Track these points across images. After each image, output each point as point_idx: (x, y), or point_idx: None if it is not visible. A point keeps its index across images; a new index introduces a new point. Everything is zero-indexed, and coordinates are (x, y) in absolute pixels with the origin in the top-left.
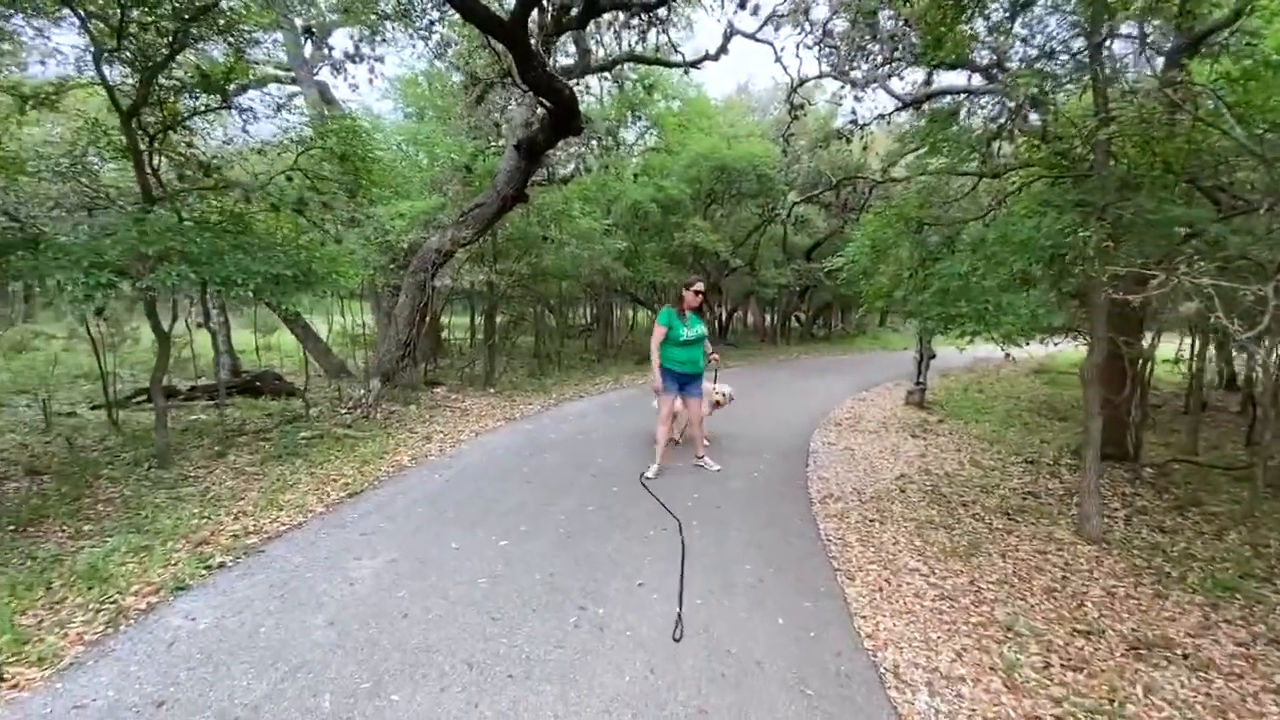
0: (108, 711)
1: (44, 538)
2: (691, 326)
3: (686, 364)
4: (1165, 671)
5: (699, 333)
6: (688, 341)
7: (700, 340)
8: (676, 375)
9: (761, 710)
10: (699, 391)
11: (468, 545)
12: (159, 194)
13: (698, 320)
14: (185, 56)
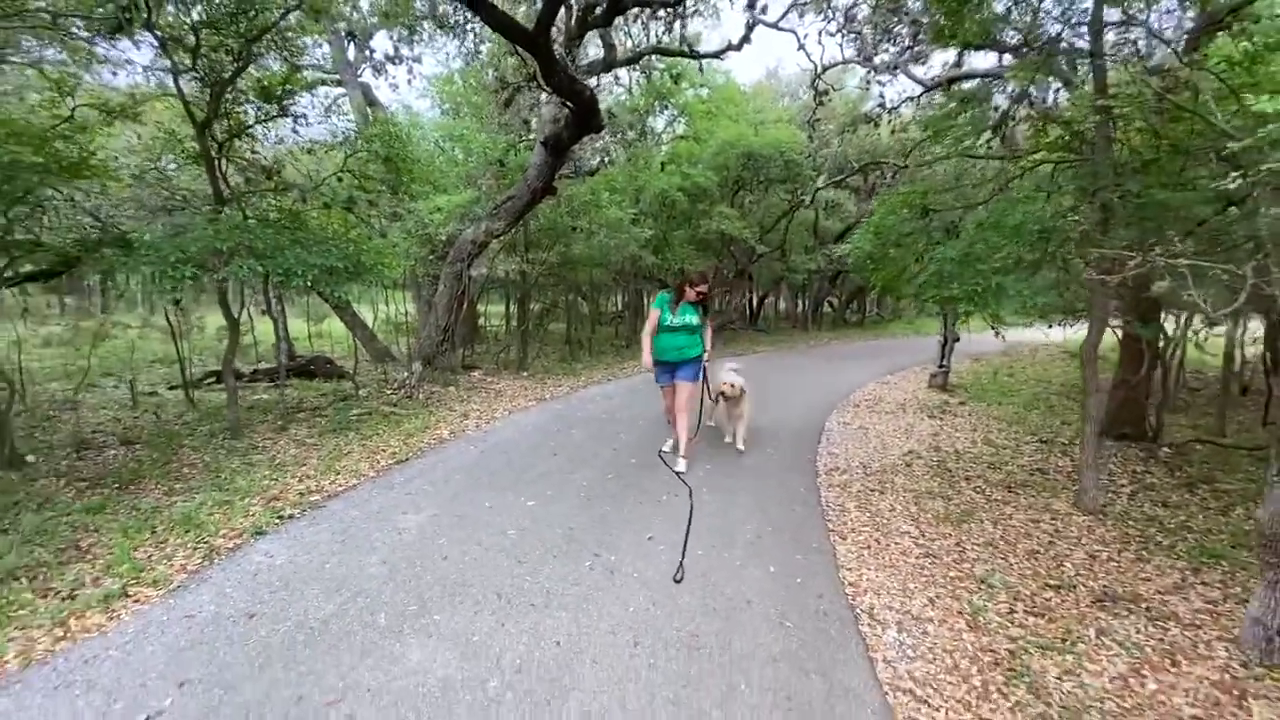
0: (211, 620)
1: (144, 494)
2: (680, 315)
3: (668, 350)
4: (1125, 620)
5: (686, 322)
6: (671, 328)
7: (686, 329)
8: (662, 364)
9: (745, 637)
10: (687, 376)
11: (499, 505)
12: (227, 196)
13: (691, 311)
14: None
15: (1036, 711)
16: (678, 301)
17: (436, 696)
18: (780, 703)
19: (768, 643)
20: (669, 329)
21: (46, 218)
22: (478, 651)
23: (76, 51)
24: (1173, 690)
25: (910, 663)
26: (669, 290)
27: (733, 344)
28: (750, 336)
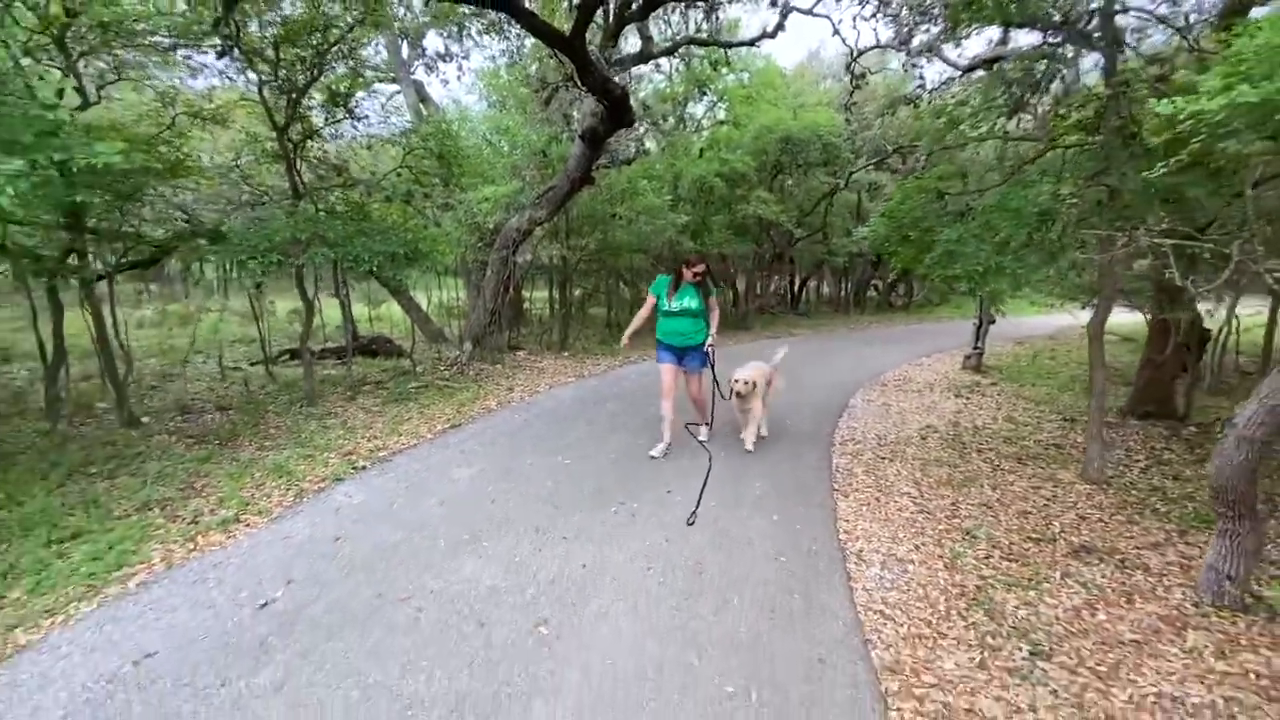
0: (306, 540)
1: (240, 448)
2: (679, 299)
3: (671, 335)
4: (1094, 568)
5: (685, 306)
6: (669, 313)
7: (686, 314)
8: (665, 346)
9: (743, 567)
10: (695, 366)
11: (539, 462)
12: (302, 191)
13: (691, 293)
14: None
15: (988, 629)
16: (676, 284)
17: (485, 597)
18: (765, 613)
19: (762, 571)
20: (669, 314)
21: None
22: (518, 568)
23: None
24: (1120, 620)
25: (886, 592)
26: (667, 274)
27: (771, 327)
28: (789, 320)
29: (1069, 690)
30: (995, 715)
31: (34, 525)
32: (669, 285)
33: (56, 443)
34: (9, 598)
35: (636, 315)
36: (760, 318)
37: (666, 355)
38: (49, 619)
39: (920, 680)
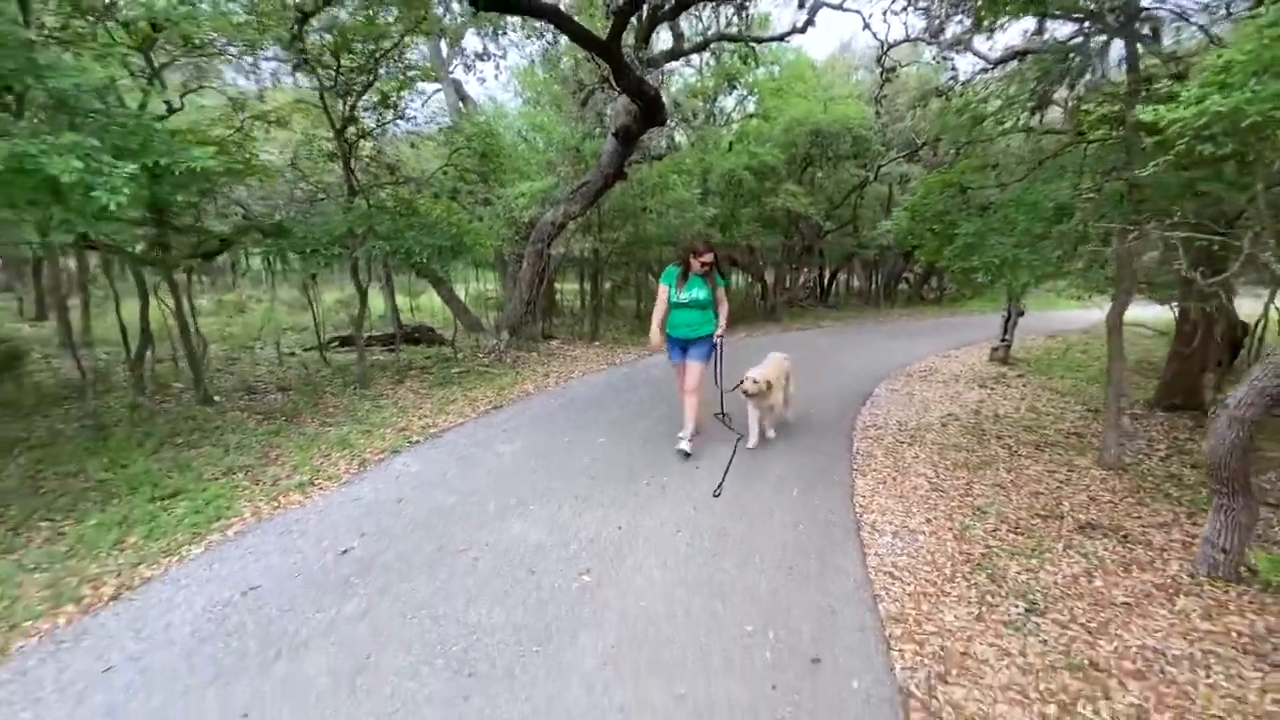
0: (373, 501)
1: (305, 424)
2: (688, 290)
3: (679, 327)
4: (1096, 542)
5: (693, 297)
6: (678, 304)
7: (695, 305)
8: (674, 340)
9: (764, 533)
10: (698, 356)
11: (575, 441)
12: (357, 188)
13: (699, 284)
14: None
15: (988, 590)
16: (684, 275)
17: (533, 551)
18: (783, 571)
19: (781, 537)
20: (678, 305)
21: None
22: (561, 529)
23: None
24: (1115, 586)
25: (896, 557)
26: (677, 264)
27: (799, 320)
28: (817, 313)
29: (1058, 641)
30: (987, 657)
31: (139, 485)
32: (678, 277)
33: (145, 416)
34: (128, 542)
35: (655, 310)
36: (788, 310)
37: (677, 352)
38: (166, 558)
39: (921, 628)
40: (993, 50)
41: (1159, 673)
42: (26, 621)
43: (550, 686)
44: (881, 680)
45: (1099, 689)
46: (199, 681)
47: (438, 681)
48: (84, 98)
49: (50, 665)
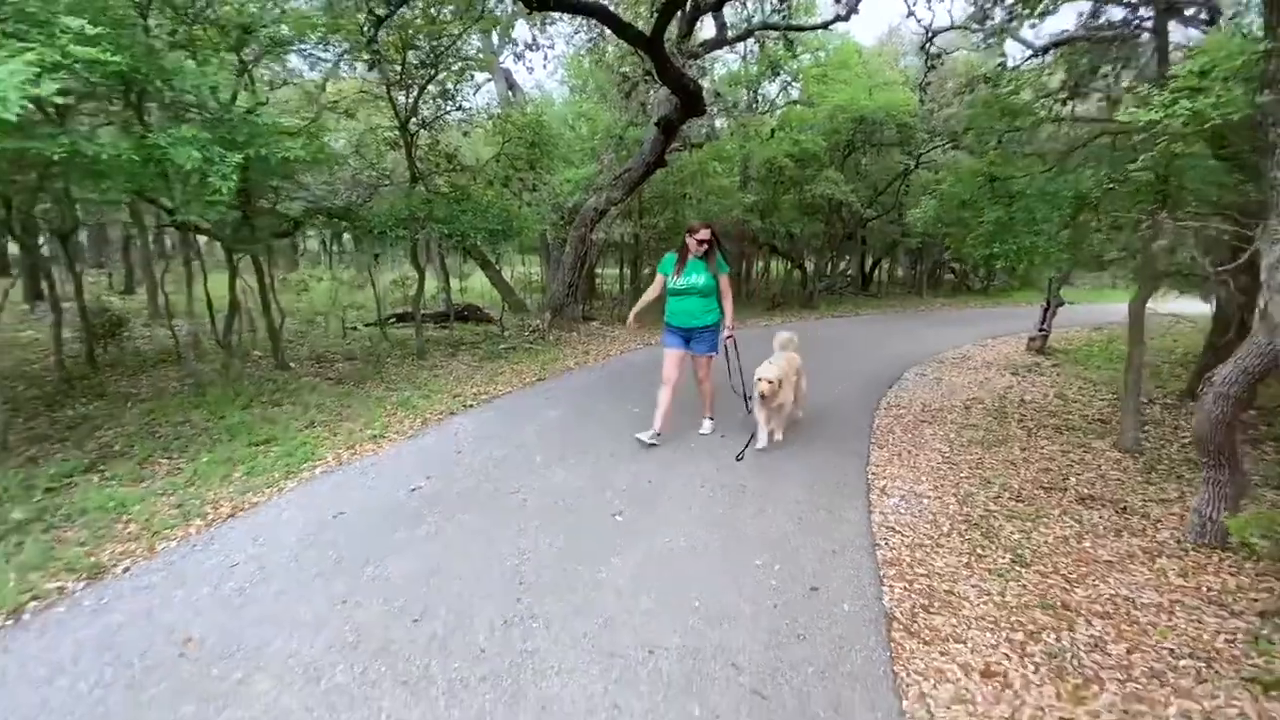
0: (435, 452)
1: (370, 390)
2: (686, 275)
3: (678, 315)
4: (1094, 511)
5: (691, 283)
6: (676, 291)
7: (694, 292)
8: (673, 329)
9: (779, 490)
10: (703, 349)
11: (611, 408)
12: (419, 175)
13: (699, 268)
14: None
15: (980, 544)
16: (682, 259)
17: (574, 494)
18: (794, 520)
19: (795, 494)
20: (676, 292)
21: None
22: (598, 477)
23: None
24: (1101, 548)
25: (900, 515)
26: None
27: (837, 308)
28: (856, 301)
29: (1036, 587)
30: (968, 595)
31: (237, 433)
32: (675, 261)
33: (233, 378)
34: (234, 476)
35: (645, 293)
36: (827, 298)
37: (673, 339)
38: (268, 489)
39: (913, 571)
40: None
41: (1124, 614)
42: (165, 530)
43: (587, 593)
44: (870, 606)
45: (1065, 623)
46: (306, 576)
47: (495, 585)
48: (201, 96)
49: (189, 560)
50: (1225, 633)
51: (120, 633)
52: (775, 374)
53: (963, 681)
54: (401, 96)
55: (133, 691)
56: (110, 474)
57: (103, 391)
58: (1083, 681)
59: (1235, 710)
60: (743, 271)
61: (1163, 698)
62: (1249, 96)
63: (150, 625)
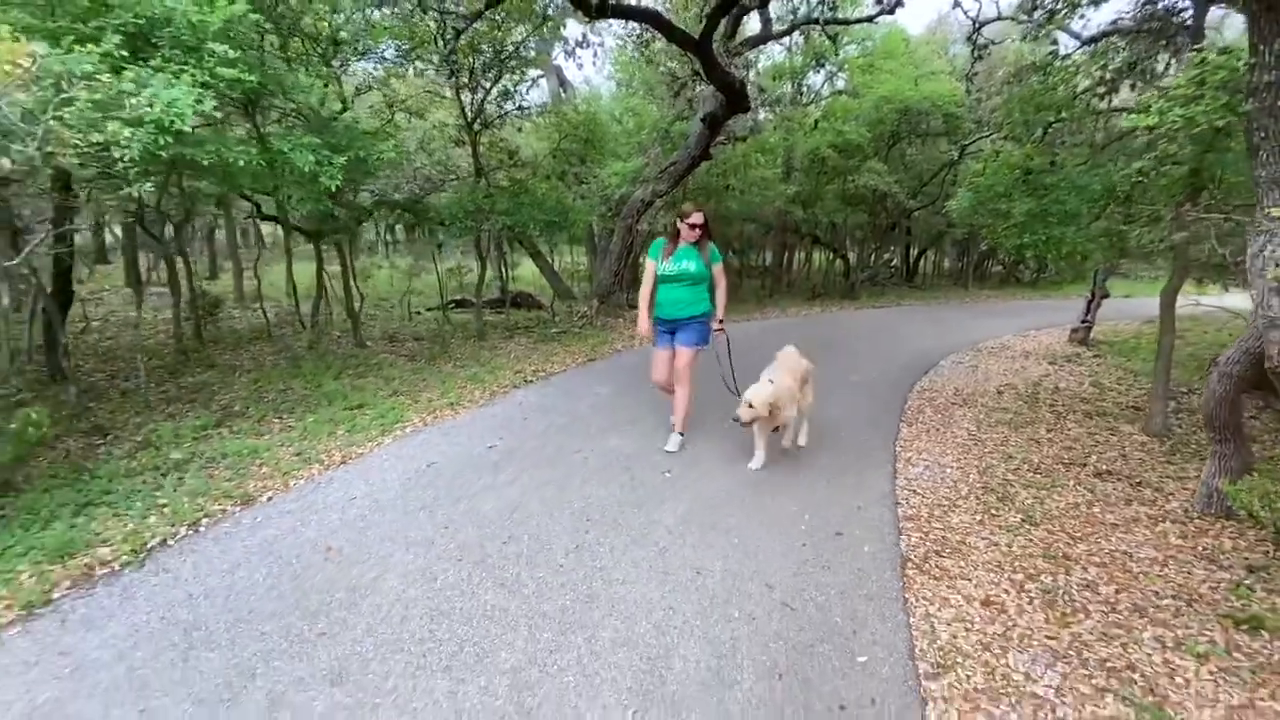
0: (503, 417)
1: (440, 366)
2: (676, 261)
3: (666, 304)
4: (1109, 484)
5: (682, 269)
6: (666, 278)
7: (684, 278)
8: (661, 322)
9: (813, 457)
10: (689, 340)
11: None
12: (483, 170)
13: (691, 254)
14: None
15: (995, 506)
16: (673, 245)
17: (627, 456)
18: (824, 481)
19: (827, 461)
20: (665, 279)
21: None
22: (648, 443)
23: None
24: (1109, 514)
25: (922, 481)
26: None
27: (879, 299)
28: (900, 291)
29: (1042, 541)
30: (978, 545)
31: (333, 399)
32: (665, 247)
33: (320, 353)
34: (338, 433)
35: (642, 290)
36: (869, 289)
37: (661, 338)
38: (368, 443)
39: (929, 524)
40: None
41: (1119, 565)
42: (293, 471)
43: (642, 529)
44: (888, 549)
45: (1062, 569)
46: (412, 508)
47: (566, 521)
48: (310, 106)
49: (317, 494)
50: (1211, 582)
51: (276, 543)
52: (765, 397)
53: (964, 607)
54: (467, 96)
55: (297, 581)
56: (235, 429)
57: (213, 363)
58: (1070, 611)
59: (1206, 639)
60: (784, 262)
61: (1140, 625)
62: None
63: (297, 538)
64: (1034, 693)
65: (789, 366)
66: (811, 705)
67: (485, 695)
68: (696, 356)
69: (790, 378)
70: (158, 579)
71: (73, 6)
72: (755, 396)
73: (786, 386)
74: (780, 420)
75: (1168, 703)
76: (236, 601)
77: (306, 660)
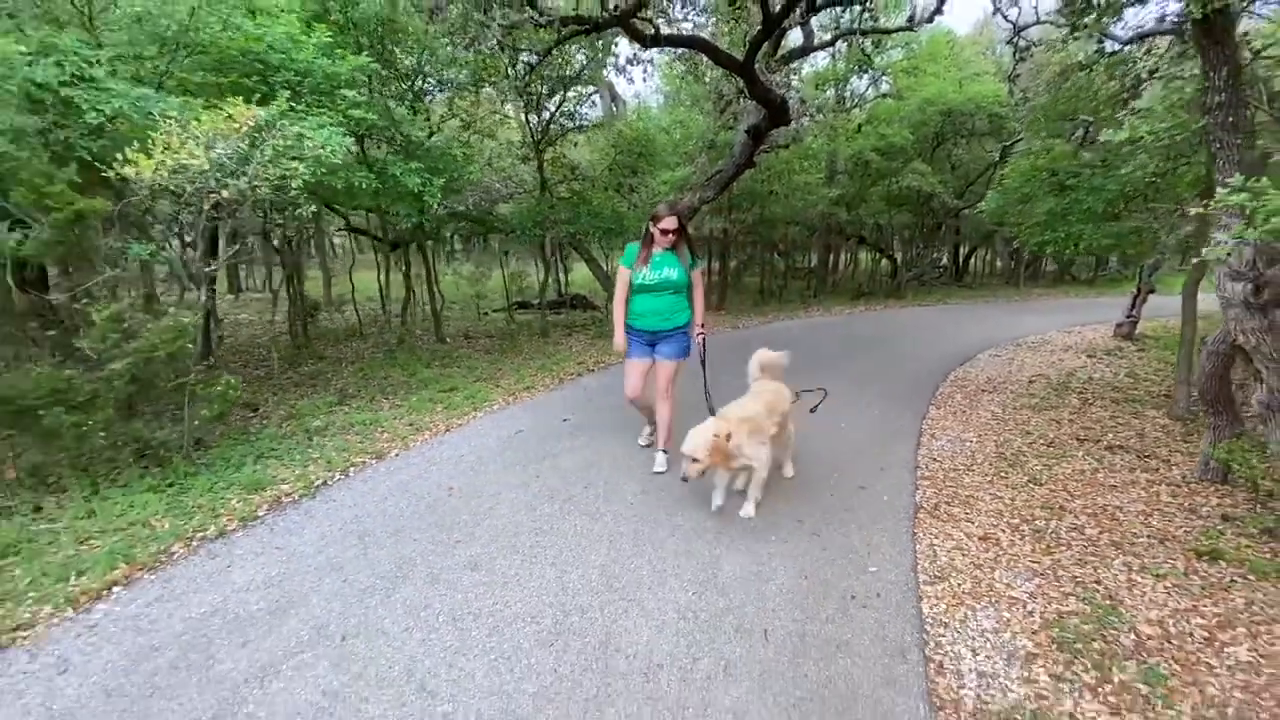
0: (572, 398)
1: (512, 358)
2: (656, 269)
3: (647, 315)
4: (1116, 456)
5: (663, 277)
6: (645, 287)
7: (669, 288)
8: (638, 333)
9: (847, 432)
10: (671, 353)
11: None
12: (546, 183)
13: (671, 261)
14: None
15: (1005, 470)
16: (647, 251)
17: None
18: (853, 450)
19: (857, 435)
20: (644, 288)
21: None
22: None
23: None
24: (1111, 479)
25: (942, 451)
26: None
27: (924, 298)
28: (947, 290)
29: (1043, 497)
30: (984, 498)
31: (428, 384)
32: (638, 253)
33: (409, 348)
34: (437, 410)
35: (615, 301)
36: (915, 288)
37: (637, 348)
38: (464, 417)
39: (943, 483)
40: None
41: (1108, 515)
42: (409, 436)
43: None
44: (904, 498)
45: (1055, 516)
46: (509, 463)
47: (634, 474)
48: (414, 136)
49: (432, 452)
50: (1187, 528)
51: (410, 484)
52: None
53: (964, 540)
54: (533, 118)
55: (431, 509)
56: (355, 406)
57: (321, 355)
58: (1055, 544)
59: (1169, 566)
60: (829, 262)
61: (1114, 555)
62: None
63: (425, 481)
64: (1011, 596)
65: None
66: (829, 595)
67: (583, 579)
68: (679, 370)
69: (758, 404)
70: (328, 505)
71: (248, 68)
72: (696, 445)
73: (749, 415)
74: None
75: (1122, 605)
76: (390, 521)
77: (449, 557)
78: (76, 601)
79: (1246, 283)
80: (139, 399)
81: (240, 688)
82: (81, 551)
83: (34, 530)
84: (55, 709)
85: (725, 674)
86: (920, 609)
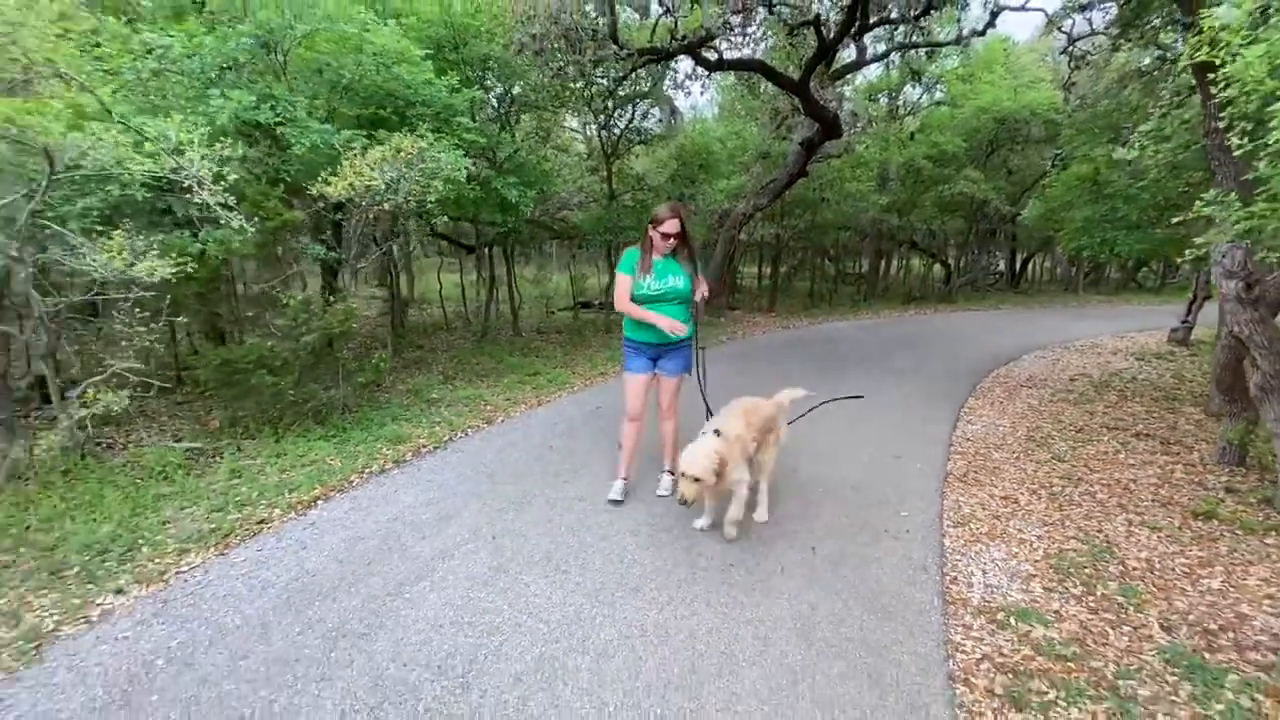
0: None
1: (582, 351)
2: (660, 277)
3: (650, 329)
4: (1141, 442)
5: (670, 286)
6: (651, 298)
7: (675, 297)
8: (639, 346)
9: (886, 416)
10: (674, 369)
11: (748, 371)
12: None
13: (675, 268)
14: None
15: (1032, 450)
16: (647, 257)
17: None
18: (893, 429)
19: (897, 418)
20: (650, 298)
21: None
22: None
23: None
24: (1131, 459)
25: (976, 433)
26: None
27: (976, 303)
28: (1001, 296)
29: (1063, 470)
30: (1009, 470)
31: (514, 369)
32: (639, 260)
33: (492, 339)
34: (527, 390)
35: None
36: (967, 293)
37: (638, 361)
38: (550, 396)
39: (973, 457)
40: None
41: (1122, 485)
42: (508, 408)
43: None
44: (936, 467)
45: (1072, 485)
46: (593, 432)
47: None
48: (511, 155)
49: (530, 421)
50: (1191, 497)
51: (517, 443)
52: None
53: (986, 500)
54: (604, 134)
55: (538, 459)
56: (458, 385)
57: (419, 345)
58: (1067, 504)
59: (1166, 522)
60: (880, 267)
61: (1118, 513)
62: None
63: (529, 441)
64: (1021, 538)
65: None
66: (866, 528)
67: (668, 509)
68: (681, 385)
69: (742, 423)
70: (458, 455)
71: (387, 103)
72: (692, 464)
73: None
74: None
75: (1117, 547)
76: (507, 467)
77: (560, 490)
78: (295, 507)
79: (1239, 280)
80: (317, 367)
81: (430, 561)
82: (284, 478)
83: (243, 465)
84: (308, 568)
85: (782, 574)
86: (942, 543)
